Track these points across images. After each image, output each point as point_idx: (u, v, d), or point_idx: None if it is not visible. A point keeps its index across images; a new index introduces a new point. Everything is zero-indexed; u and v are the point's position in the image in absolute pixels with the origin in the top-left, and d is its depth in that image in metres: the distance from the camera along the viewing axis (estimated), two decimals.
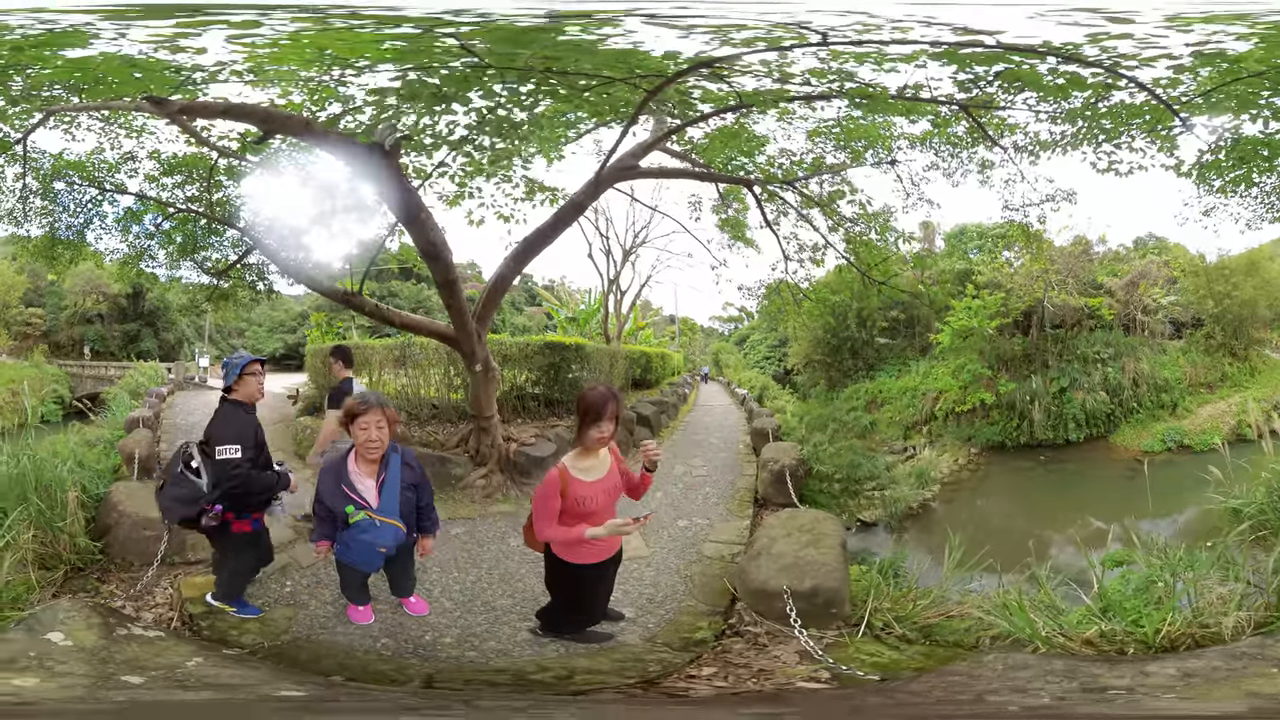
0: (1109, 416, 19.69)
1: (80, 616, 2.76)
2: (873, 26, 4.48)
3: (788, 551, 3.65)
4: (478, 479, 6.08)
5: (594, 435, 2.84)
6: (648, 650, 3.31)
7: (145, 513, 4.39)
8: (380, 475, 3.17)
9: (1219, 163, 5.80)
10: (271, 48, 4.52)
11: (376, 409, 3.13)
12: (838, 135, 6.79)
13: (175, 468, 3.41)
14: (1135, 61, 4.71)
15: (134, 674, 2.39)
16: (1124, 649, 2.74)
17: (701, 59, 4.49)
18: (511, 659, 3.20)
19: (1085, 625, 2.92)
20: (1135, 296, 22.44)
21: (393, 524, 3.13)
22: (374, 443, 3.11)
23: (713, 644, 3.35)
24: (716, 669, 3.01)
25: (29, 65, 4.85)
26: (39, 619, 2.70)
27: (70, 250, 7.46)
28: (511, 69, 4.26)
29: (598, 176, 5.82)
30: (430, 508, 3.39)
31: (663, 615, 3.76)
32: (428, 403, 7.79)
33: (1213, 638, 2.67)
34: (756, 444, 8.67)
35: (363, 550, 3.16)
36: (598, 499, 2.90)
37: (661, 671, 3.00)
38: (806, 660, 2.97)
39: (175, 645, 2.85)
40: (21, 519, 3.91)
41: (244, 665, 2.86)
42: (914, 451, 20.09)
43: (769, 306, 10.13)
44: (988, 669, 2.35)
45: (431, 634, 3.46)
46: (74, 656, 2.44)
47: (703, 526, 5.45)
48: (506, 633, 3.48)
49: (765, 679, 2.82)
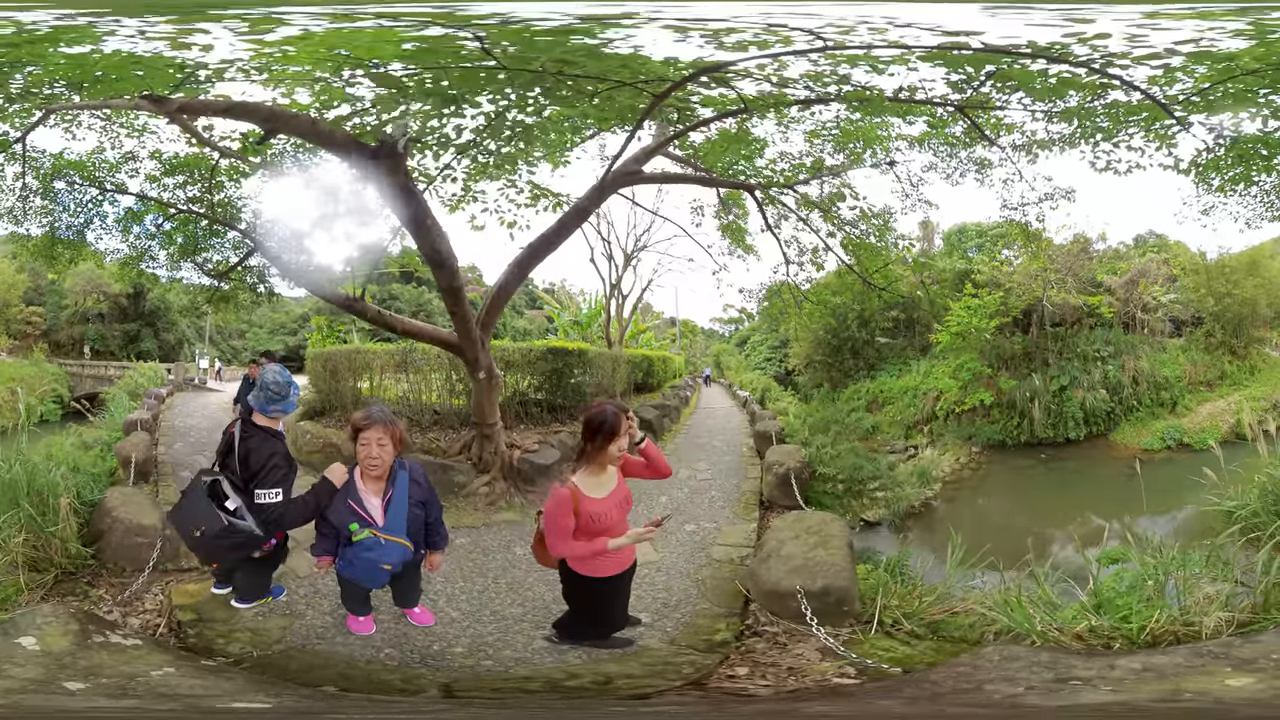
0: (1109, 414, 19.71)
1: (59, 622, 2.72)
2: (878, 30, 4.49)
3: (797, 553, 3.71)
4: (481, 486, 6.08)
5: (613, 453, 2.86)
6: (674, 653, 3.34)
7: (139, 519, 4.38)
8: (387, 493, 3.07)
9: (1217, 161, 5.80)
10: (284, 45, 4.48)
11: (379, 425, 2.97)
12: (836, 137, 6.80)
13: (200, 504, 3.14)
14: (1128, 60, 4.71)
15: (79, 681, 2.34)
16: (1110, 644, 2.85)
17: (708, 63, 4.49)
18: (534, 666, 3.19)
19: (1077, 621, 3.02)
20: (1135, 294, 22.44)
21: (399, 542, 3.05)
22: (374, 460, 2.98)
23: (736, 645, 3.40)
24: (749, 669, 3.05)
25: (30, 63, 4.82)
26: (15, 623, 2.67)
27: (70, 250, 7.46)
28: (526, 71, 4.25)
29: (602, 182, 5.82)
30: (439, 523, 3.31)
31: (679, 618, 3.79)
32: (430, 409, 7.79)
33: (1194, 635, 2.75)
34: (760, 447, 8.67)
35: (366, 568, 3.08)
36: (610, 514, 2.90)
37: (697, 673, 3.03)
38: (829, 657, 3.05)
39: (148, 654, 2.78)
40: (12, 523, 3.90)
41: (219, 676, 2.81)
42: (915, 451, 20.11)
43: (770, 309, 10.15)
44: (985, 660, 2.49)
45: (439, 644, 3.43)
46: (33, 661, 2.42)
47: (710, 530, 5.46)
48: (521, 641, 3.46)
49: (801, 676, 2.90)
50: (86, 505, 4.63)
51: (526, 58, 4.23)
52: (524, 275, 6.29)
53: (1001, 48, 4.66)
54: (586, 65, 4.43)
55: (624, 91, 4.57)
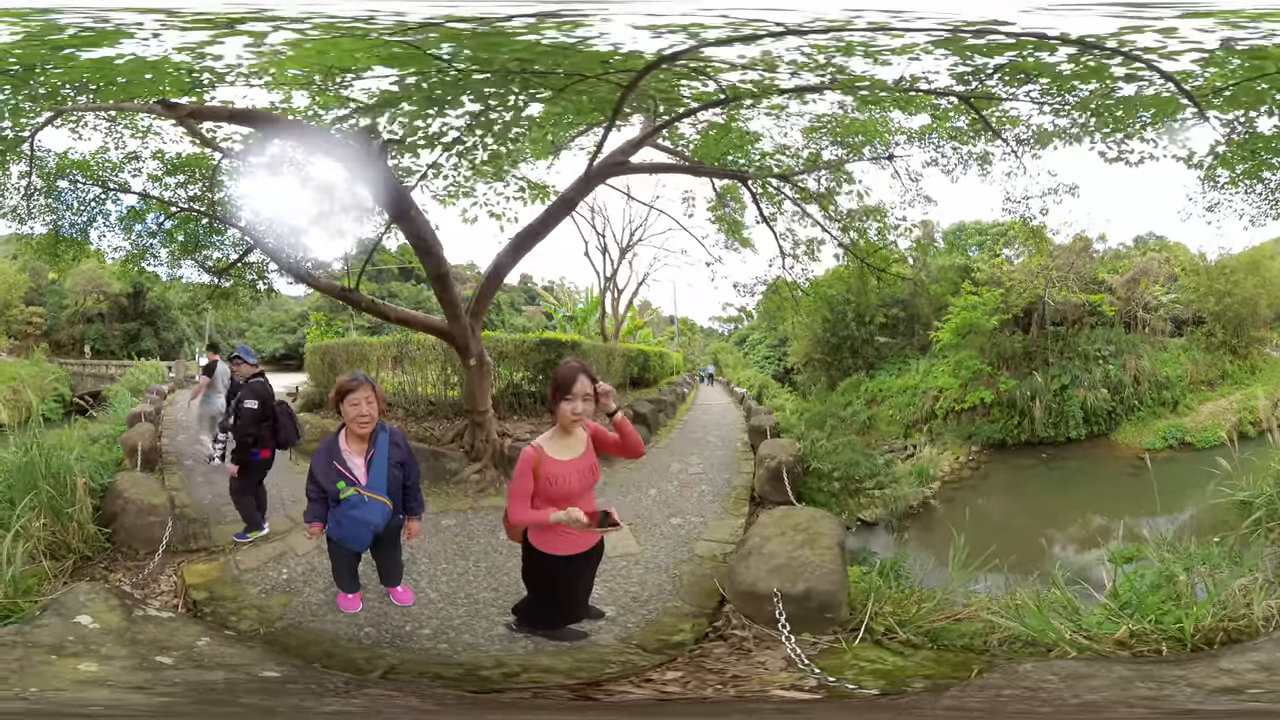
0: (1110, 414, 19.65)
1: (100, 599, 2.86)
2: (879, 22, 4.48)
3: (780, 551, 3.49)
4: (472, 474, 6.12)
5: (565, 410, 2.72)
6: (616, 651, 3.22)
7: (149, 500, 4.65)
8: (369, 452, 3.30)
9: (1228, 156, 5.76)
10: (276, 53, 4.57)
11: (366, 385, 3.31)
12: (834, 130, 6.79)
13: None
14: (1155, 55, 4.68)
15: (162, 654, 2.46)
16: (1159, 649, 2.62)
17: (670, 53, 4.50)
18: (476, 653, 3.20)
19: (1108, 626, 2.79)
20: (1136, 294, 22.38)
21: (380, 500, 3.25)
22: (364, 417, 3.26)
23: (690, 647, 3.22)
24: (683, 673, 2.86)
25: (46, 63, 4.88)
26: (63, 603, 2.77)
27: (73, 249, 7.54)
28: (488, 70, 4.31)
29: (588, 173, 5.85)
30: (416, 489, 3.49)
31: (645, 615, 3.67)
32: (425, 400, 7.82)
33: (1242, 631, 2.59)
34: (754, 441, 8.63)
35: (352, 526, 3.26)
36: (569, 479, 2.78)
37: (618, 673, 2.89)
38: (792, 668, 2.76)
39: (185, 626, 2.95)
40: (31, 506, 4.01)
41: (244, 646, 2.94)
42: (915, 450, 20.07)
43: (767, 304, 10.14)
44: (1028, 679, 2.13)
45: (412, 624, 3.51)
46: (107, 639, 2.51)
47: (696, 524, 5.39)
48: (483, 626, 3.49)
49: (737, 685, 2.67)
50: (99, 488, 4.80)
51: (494, 59, 4.28)
52: (512, 264, 6.37)
53: (1016, 34, 4.60)
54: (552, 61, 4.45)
55: (603, 85, 4.60)
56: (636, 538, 4.81)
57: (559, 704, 2.61)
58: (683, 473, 7.27)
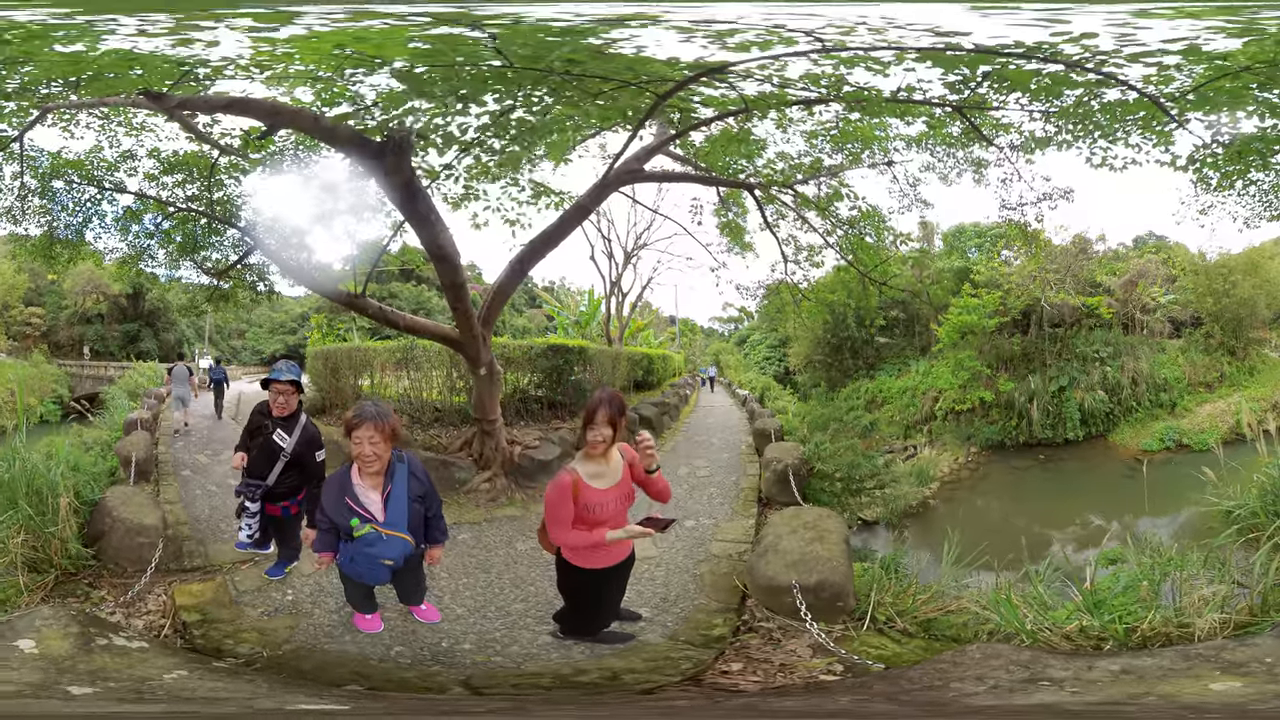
0: (1108, 415, 19.72)
1: (58, 624, 2.65)
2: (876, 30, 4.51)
3: (794, 547, 3.76)
4: (482, 483, 6.11)
5: (589, 438, 2.87)
6: (673, 648, 3.37)
7: (140, 519, 4.30)
8: (386, 487, 3.03)
9: (1213, 159, 5.81)
10: (288, 44, 4.50)
11: (369, 423, 2.92)
12: (835, 137, 6.83)
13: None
14: (1121, 59, 4.74)
15: (85, 685, 2.25)
16: (1099, 644, 2.82)
17: (710, 64, 4.52)
18: (541, 663, 3.20)
19: (1069, 620, 3.01)
20: (1134, 295, 22.44)
21: (400, 537, 3.02)
22: (368, 458, 2.95)
23: (731, 640, 3.43)
24: (743, 664, 3.10)
25: (27, 59, 4.81)
26: (13, 625, 2.60)
27: (69, 250, 7.39)
28: (534, 70, 4.28)
29: (604, 180, 5.85)
30: (439, 518, 3.29)
31: (679, 614, 3.82)
32: (430, 406, 7.81)
33: (1187, 637, 2.72)
34: (759, 444, 8.69)
35: (367, 564, 3.06)
36: (608, 506, 2.90)
37: (695, 669, 3.06)
38: (820, 653, 3.08)
39: (155, 657, 2.71)
40: (11, 523, 3.84)
41: (235, 678, 2.73)
42: (914, 450, 20.13)
43: (768, 307, 10.17)
44: (966, 659, 2.46)
45: (448, 641, 3.43)
46: (29, 665, 2.35)
47: (709, 526, 5.51)
48: (527, 637, 3.48)
49: (789, 673, 2.92)
50: (86, 505, 4.54)
51: (536, 57, 4.27)
52: (525, 272, 6.32)
53: (993, 49, 4.69)
54: (591, 65, 4.46)
55: (628, 91, 4.60)
56: (654, 542, 4.86)
57: (688, 698, 2.72)
58: (691, 476, 7.34)
